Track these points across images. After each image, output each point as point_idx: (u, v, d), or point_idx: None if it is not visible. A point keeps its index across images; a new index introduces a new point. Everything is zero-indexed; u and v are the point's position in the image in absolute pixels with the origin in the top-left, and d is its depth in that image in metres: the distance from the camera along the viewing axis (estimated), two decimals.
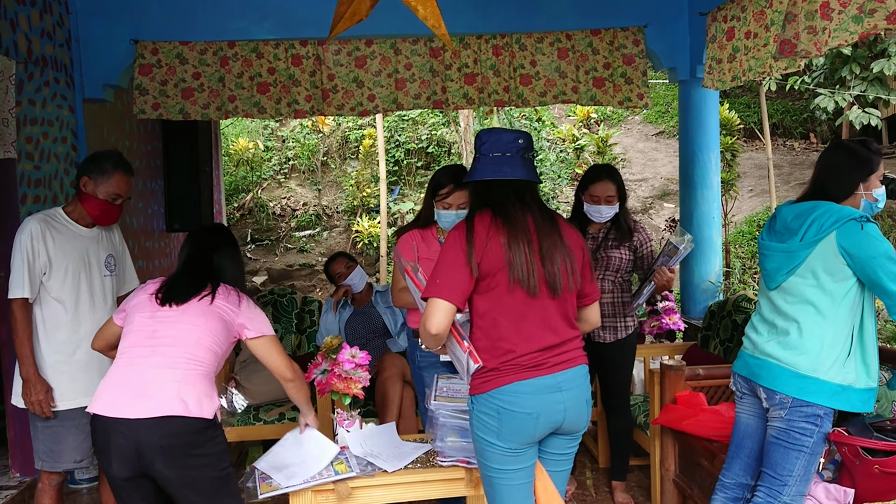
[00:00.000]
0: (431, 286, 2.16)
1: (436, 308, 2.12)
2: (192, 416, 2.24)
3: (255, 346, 2.49)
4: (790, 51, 2.82)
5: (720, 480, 2.70)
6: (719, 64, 3.69)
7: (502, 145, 2.24)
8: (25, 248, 2.72)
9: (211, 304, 2.41)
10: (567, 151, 10.96)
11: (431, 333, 2.13)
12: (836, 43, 2.71)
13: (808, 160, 10.96)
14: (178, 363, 2.30)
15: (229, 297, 2.45)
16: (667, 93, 12.39)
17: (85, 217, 2.89)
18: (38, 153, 3.86)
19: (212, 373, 2.39)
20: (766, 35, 3.17)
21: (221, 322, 2.41)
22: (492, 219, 2.20)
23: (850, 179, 2.42)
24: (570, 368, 2.22)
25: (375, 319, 4.16)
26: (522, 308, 2.18)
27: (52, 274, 2.78)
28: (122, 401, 2.24)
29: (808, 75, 9.10)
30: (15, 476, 3.73)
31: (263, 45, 4.52)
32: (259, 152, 11.01)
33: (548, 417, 2.18)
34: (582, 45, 4.63)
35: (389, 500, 2.68)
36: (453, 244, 2.20)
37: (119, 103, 4.86)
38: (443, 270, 2.17)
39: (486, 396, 2.18)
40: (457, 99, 4.65)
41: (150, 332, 2.35)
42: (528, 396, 2.15)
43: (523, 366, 2.16)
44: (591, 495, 3.76)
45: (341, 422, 2.77)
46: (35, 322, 2.79)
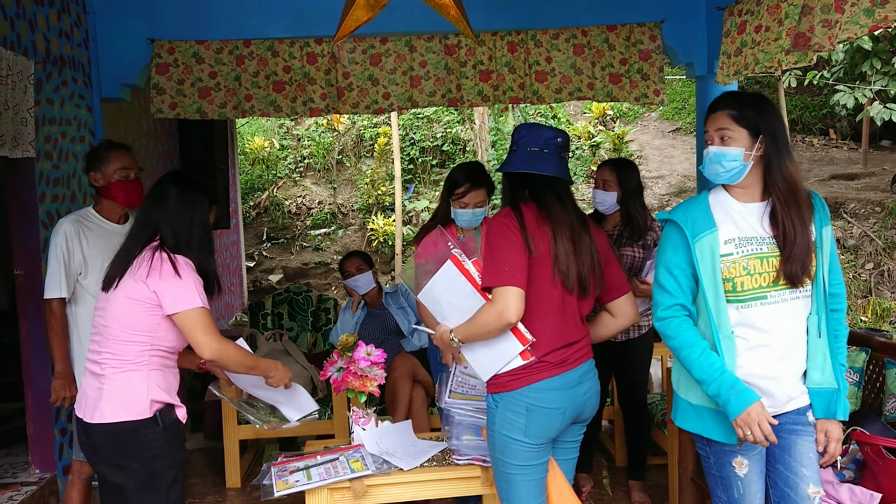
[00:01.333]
0: (500, 274, 2.09)
1: (511, 296, 2.07)
2: (127, 419, 2.14)
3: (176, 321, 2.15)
4: (804, 44, 2.78)
5: None
6: (729, 59, 3.64)
7: (541, 141, 2.22)
8: (61, 249, 2.79)
9: (124, 284, 2.16)
10: (583, 149, 10.91)
11: (511, 322, 2.08)
12: (846, 36, 2.67)
13: (827, 156, 10.84)
14: (104, 364, 2.18)
15: (141, 269, 2.14)
16: (683, 89, 12.29)
17: (114, 212, 2.96)
18: (56, 152, 3.89)
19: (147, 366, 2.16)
20: (779, 29, 3.13)
21: (136, 301, 2.14)
22: (538, 210, 2.20)
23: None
24: (587, 361, 2.28)
25: (389, 320, 4.15)
26: (558, 303, 2.18)
27: (88, 272, 2.85)
28: (79, 399, 2.28)
29: (827, 70, 8.99)
30: (35, 472, 3.76)
31: (279, 44, 4.52)
32: (274, 151, 11.06)
33: (572, 410, 2.22)
34: (598, 40, 4.59)
35: (405, 498, 2.67)
36: (506, 229, 2.16)
37: (136, 102, 4.89)
38: (505, 256, 2.11)
39: (515, 394, 2.17)
40: (472, 96, 4.63)
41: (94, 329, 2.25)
42: (558, 392, 2.17)
43: (551, 363, 2.17)
44: (608, 494, 3.74)
45: (357, 419, 2.77)
46: (74, 319, 2.88)
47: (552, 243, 2.16)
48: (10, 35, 3.48)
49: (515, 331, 2.15)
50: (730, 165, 2.00)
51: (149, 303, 2.14)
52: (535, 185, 2.24)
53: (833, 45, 2.70)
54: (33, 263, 3.70)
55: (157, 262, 2.14)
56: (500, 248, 2.13)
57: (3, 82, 3.26)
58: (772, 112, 2.03)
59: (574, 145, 11.04)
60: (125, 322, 2.15)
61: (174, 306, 2.13)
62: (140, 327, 2.16)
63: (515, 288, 2.08)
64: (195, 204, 2.28)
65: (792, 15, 3.05)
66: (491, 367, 2.21)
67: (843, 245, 8.39)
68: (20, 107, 3.42)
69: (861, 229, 8.50)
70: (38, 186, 3.70)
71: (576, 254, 2.20)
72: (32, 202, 3.68)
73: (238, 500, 3.85)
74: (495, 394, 2.22)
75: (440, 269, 2.31)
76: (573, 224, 2.23)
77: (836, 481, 2.48)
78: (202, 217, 2.30)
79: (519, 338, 2.14)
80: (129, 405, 2.15)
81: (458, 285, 2.26)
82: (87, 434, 2.21)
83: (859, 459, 2.56)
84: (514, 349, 2.15)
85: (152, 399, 2.16)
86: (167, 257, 2.16)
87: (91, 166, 2.93)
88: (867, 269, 8.17)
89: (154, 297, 2.13)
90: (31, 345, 3.71)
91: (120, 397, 2.15)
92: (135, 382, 2.16)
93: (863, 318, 7.46)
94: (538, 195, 2.23)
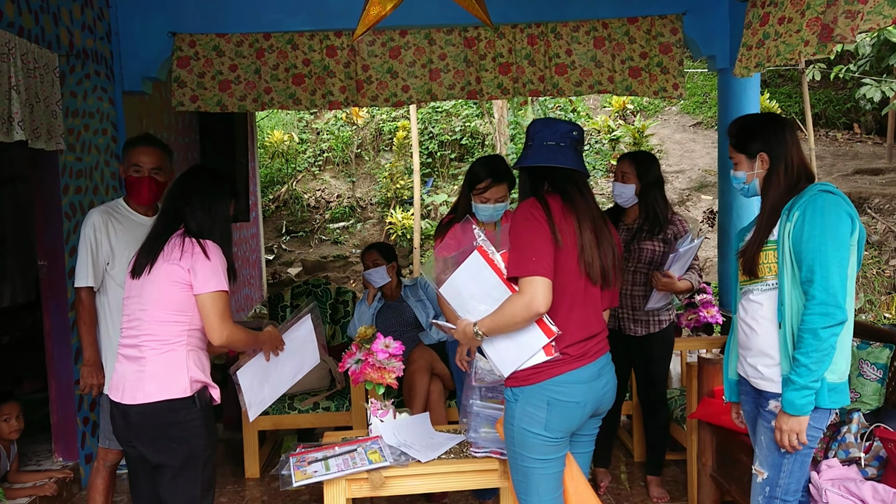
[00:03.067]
0: (526, 264, 2.08)
1: (539, 286, 2.06)
2: (161, 399, 2.22)
3: (198, 302, 2.27)
4: (827, 35, 2.73)
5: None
6: (749, 50, 3.59)
7: (557, 135, 2.22)
8: (89, 240, 2.85)
9: (158, 269, 2.26)
10: (602, 142, 10.84)
11: (540, 312, 2.07)
12: (868, 27, 2.62)
13: (850, 151, 10.68)
14: (150, 344, 2.26)
15: (174, 252, 2.26)
16: (704, 83, 12.16)
17: (140, 204, 3.00)
18: (79, 144, 3.93)
19: (185, 348, 2.27)
20: (801, 20, 3.08)
21: (171, 284, 2.25)
22: (563, 202, 2.20)
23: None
24: (605, 354, 2.28)
25: (407, 313, 4.15)
26: (582, 296, 2.18)
27: (116, 263, 2.89)
28: (113, 383, 2.33)
29: (853, 63, 8.85)
30: (58, 460, 3.82)
31: (298, 37, 4.54)
32: (294, 144, 11.10)
33: (592, 404, 2.22)
34: (618, 33, 4.56)
35: (423, 490, 2.68)
36: (533, 220, 2.14)
37: (157, 96, 4.93)
38: (531, 246, 2.09)
39: (536, 388, 2.16)
40: (491, 89, 4.62)
41: (127, 315, 2.34)
42: (579, 386, 2.17)
43: (572, 356, 2.16)
44: (626, 489, 3.72)
45: (375, 411, 2.78)
46: (102, 308, 2.93)
47: (578, 234, 2.16)
48: (34, 29, 3.53)
49: (541, 323, 2.13)
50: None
51: (184, 283, 2.25)
52: (554, 179, 2.23)
53: (854, 36, 2.65)
54: (56, 254, 3.75)
55: (188, 245, 2.27)
56: (526, 238, 2.12)
57: (32, 75, 3.30)
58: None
59: (593, 139, 10.97)
60: (163, 304, 2.25)
61: (202, 286, 2.24)
62: (178, 307, 2.26)
63: (543, 278, 2.06)
64: (218, 197, 2.41)
65: (814, 5, 3.00)
66: (513, 362, 2.18)
67: (867, 241, 8.27)
68: (49, 99, 3.47)
69: (885, 225, 8.38)
70: (61, 178, 3.74)
71: (598, 246, 2.20)
72: (56, 194, 3.73)
73: (257, 490, 3.89)
74: (515, 387, 2.21)
75: (465, 261, 2.26)
76: (594, 216, 2.23)
77: (860, 479, 2.45)
78: (224, 209, 2.42)
79: (544, 330, 2.12)
80: (171, 384, 2.24)
81: (484, 277, 2.21)
82: (126, 416, 2.27)
83: (882, 457, 2.53)
84: (537, 343, 2.13)
85: (191, 378, 2.27)
86: (197, 241, 2.28)
87: (121, 160, 3.02)
88: (891, 266, 8.05)
89: (188, 276, 2.24)
90: (54, 335, 3.77)
91: (163, 377, 2.24)
92: (175, 362, 2.26)
93: (886, 315, 7.36)
94: (560, 188, 2.23)
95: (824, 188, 2.14)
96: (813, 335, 2.04)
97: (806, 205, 2.11)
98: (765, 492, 2.23)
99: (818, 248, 2.05)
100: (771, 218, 2.20)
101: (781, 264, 2.14)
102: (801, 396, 2.06)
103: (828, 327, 2.02)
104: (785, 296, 2.13)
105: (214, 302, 2.25)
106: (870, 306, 7.57)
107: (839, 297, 2.04)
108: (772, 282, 2.19)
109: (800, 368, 2.06)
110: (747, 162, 2.28)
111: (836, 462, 2.55)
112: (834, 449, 2.64)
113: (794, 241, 2.10)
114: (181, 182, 2.43)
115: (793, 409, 2.07)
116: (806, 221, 2.08)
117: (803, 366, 2.05)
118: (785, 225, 2.14)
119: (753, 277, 2.24)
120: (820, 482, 2.42)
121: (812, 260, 2.05)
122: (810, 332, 2.04)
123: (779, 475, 2.19)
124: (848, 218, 2.09)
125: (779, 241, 2.16)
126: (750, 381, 2.30)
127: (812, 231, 2.07)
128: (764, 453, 2.22)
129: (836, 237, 2.05)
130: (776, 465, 2.19)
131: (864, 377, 2.94)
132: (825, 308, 2.02)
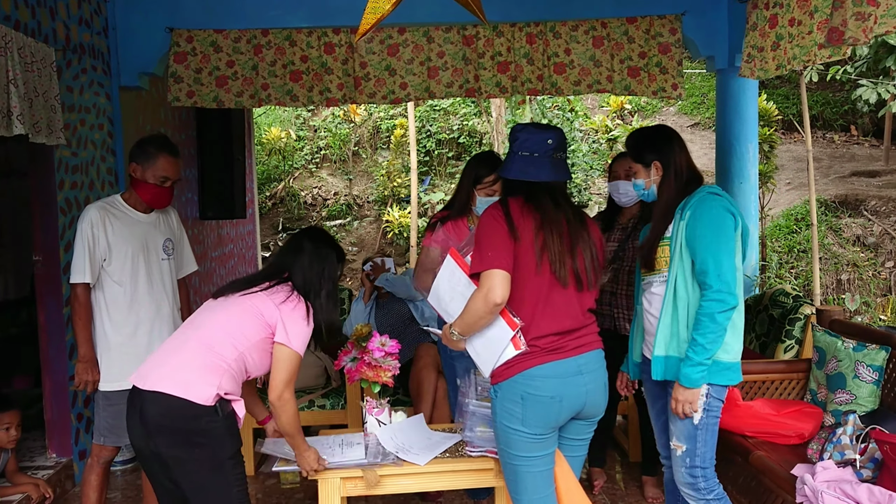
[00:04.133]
0: (483, 259, 2.16)
1: (496, 278, 2.12)
2: (189, 399, 2.17)
3: (276, 350, 2.31)
4: (838, 38, 2.72)
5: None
6: (761, 52, 3.58)
7: (532, 145, 2.26)
8: (86, 236, 2.83)
9: (254, 297, 2.30)
10: (600, 142, 10.84)
11: (497, 304, 2.12)
12: (883, 30, 2.62)
13: (847, 153, 10.70)
14: (196, 347, 2.24)
15: (278, 294, 2.31)
16: (702, 84, 12.17)
17: (141, 202, 2.98)
18: (75, 140, 3.92)
19: (227, 368, 2.24)
20: (811, 22, 3.08)
21: (256, 315, 2.27)
22: (524, 202, 2.25)
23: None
24: (590, 352, 2.28)
25: (404, 309, 4.14)
26: (547, 292, 2.21)
27: (112, 259, 2.88)
28: (141, 371, 2.27)
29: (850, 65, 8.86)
30: (52, 457, 3.80)
31: (296, 34, 4.52)
32: (291, 142, 11.08)
33: (571, 401, 2.22)
34: (617, 33, 4.55)
35: (418, 489, 2.68)
36: (492, 219, 2.22)
37: (154, 91, 4.91)
38: (489, 242, 2.17)
39: (510, 382, 2.20)
40: (489, 87, 4.61)
41: (189, 320, 2.38)
42: (551, 380, 2.18)
43: (543, 349, 2.19)
44: (621, 489, 3.72)
45: (370, 410, 2.77)
46: (98, 305, 2.91)
47: (535, 232, 2.20)
48: (31, 23, 3.51)
49: (504, 314, 2.18)
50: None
51: (267, 324, 2.27)
52: (528, 188, 2.27)
53: (868, 38, 2.65)
54: (52, 250, 3.73)
55: (294, 298, 2.32)
56: (485, 236, 2.19)
57: (30, 69, 3.29)
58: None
59: (591, 139, 10.97)
60: (230, 329, 2.26)
61: (287, 339, 2.27)
62: (242, 337, 2.26)
63: (499, 270, 2.13)
64: (327, 258, 2.45)
65: (822, 8, 2.99)
66: (489, 359, 2.24)
67: (863, 243, 8.29)
68: (48, 94, 3.45)
69: (882, 227, 8.39)
70: (57, 173, 3.72)
71: (571, 251, 2.23)
72: (52, 189, 3.71)
73: (252, 488, 3.87)
74: (495, 384, 2.26)
75: (442, 266, 2.38)
76: (569, 221, 2.26)
77: (855, 480, 2.45)
78: (332, 272, 2.46)
79: (508, 322, 2.18)
80: (197, 386, 2.17)
81: (457, 279, 2.32)
82: (143, 403, 2.19)
83: (878, 459, 2.53)
84: (504, 336, 2.18)
85: (218, 393, 2.21)
86: (303, 300, 2.33)
87: (135, 157, 2.92)
88: (887, 268, 8.07)
89: (276, 321, 2.27)
90: (48, 330, 3.75)
91: (192, 377, 2.19)
92: (210, 373, 2.21)
93: (882, 317, 7.37)
94: (532, 197, 2.27)
95: (711, 190, 2.43)
96: (710, 319, 2.28)
97: (695, 205, 2.37)
98: (685, 462, 2.44)
99: (708, 244, 2.30)
100: (666, 217, 2.47)
101: (672, 257, 2.41)
102: (696, 371, 2.31)
103: (723, 311, 2.27)
104: (670, 284, 2.40)
105: (291, 360, 2.28)
106: (866, 308, 7.59)
107: (731, 285, 2.29)
108: (667, 273, 2.45)
109: (697, 347, 2.30)
110: (644, 171, 2.54)
111: (832, 464, 2.55)
112: (829, 451, 2.64)
113: (688, 238, 2.36)
114: (292, 241, 2.48)
115: (689, 382, 2.32)
116: (697, 220, 2.34)
117: (700, 345, 2.29)
118: (679, 223, 2.40)
119: (651, 270, 2.51)
120: (815, 484, 2.42)
121: (704, 254, 2.30)
122: (708, 317, 2.28)
123: (696, 446, 2.41)
124: (730, 215, 2.35)
125: (672, 237, 2.42)
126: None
127: (703, 229, 2.32)
128: (679, 428, 2.44)
129: (723, 232, 2.32)
130: (691, 436, 2.41)
131: (860, 379, 2.94)
132: (720, 295, 2.27)
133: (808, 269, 7.63)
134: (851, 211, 8.74)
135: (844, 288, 7.90)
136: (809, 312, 3.50)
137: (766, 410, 3.01)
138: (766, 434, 2.96)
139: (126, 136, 4.44)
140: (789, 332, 3.53)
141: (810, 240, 6.23)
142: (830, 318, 3.33)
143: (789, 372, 3.33)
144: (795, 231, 8.56)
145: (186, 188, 5.72)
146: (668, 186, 2.49)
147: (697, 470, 2.43)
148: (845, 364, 3.01)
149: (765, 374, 3.33)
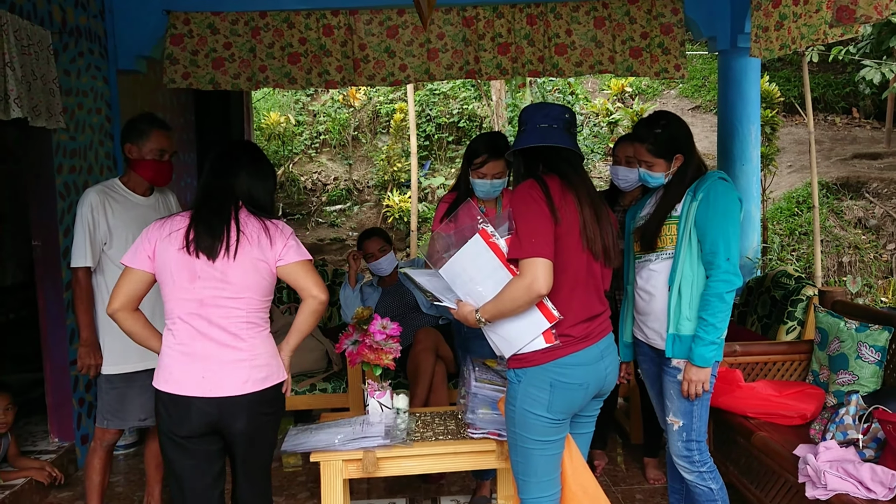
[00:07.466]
0: (528, 245, 2.07)
1: (539, 268, 2.05)
2: (268, 385, 2.22)
3: (289, 272, 2.24)
4: (849, 17, 2.66)
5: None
6: (766, 32, 3.54)
7: (549, 118, 2.25)
8: (86, 220, 2.83)
9: (244, 254, 2.17)
10: (600, 126, 10.79)
11: (541, 294, 2.07)
12: None
13: (849, 135, 10.64)
14: (239, 333, 2.18)
15: (261, 237, 2.20)
16: (703, 66, 12.09)
17: (140, 185, 2.97)
18: (73, 124, 3.89)
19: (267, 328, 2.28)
20: (819, 0, 3.03)
21: (258, 270, 2.20)
22: (561, 181, 2.20)
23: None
24: (608, 335, 2.29)
25: (408, 296, 4.11)
26: (584, 274, 2.19)
27: (113, 243, 2.88)
28: (193, 380, 2.15)
29: (853, 45, 8.79)
30: (54, 441, 3.81)
31: (295, 15, 4.48)
32: (290, 126, 11.02)
33: (594, 386, 2.23)
34: (619, 13, 4.51)
35: (420, 471, 2.68)
36: (531, 200, 2.14)
37: (152, 74, 4.87)
38: (531, 227, 2.09)
39: (539, 370, 2.16)
40: (490, 69, 4.57)
41: (198, 300, 2.17)
42: (581, 367, 2.17)
43: (576, 337, 2.17)
44: (623, 471, 3.73)
45: (372, 392, 2.77)
46: (99, 288, 2.91)
47: (578, 211, 2.16)
48: (26, 5, 3.47)
49: (542, 307, 2.12)
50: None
51: (272, 264, 2.23)
52: (549, 159, 2.24)
53: (883, 15, 2.57)
54: (50, 234, 3.72)
55: (272, 228, 2.25)
56: (525, 218, 2.11)
57: (26, 52, 3.25)
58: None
59: (592, 122, 10.92)
60: (255, 287, 2.21)
61: (297, 255, 2.24)
62: (263, 290, 2.24)
63: (543, 259, 2.06)
64: (269, 175, 2.36)
65: None
66: (513, 344, 2.18)
67: (865, 225, 8.27)
68: (46, 77, 3.42)
69: (883, 209, 8.36)
70: (55, 157, 3.70)
71: (599, 223, 2.21)
72: (49, 173, 3.69)
73: None
74: (518, 369, 2.19)
75: (467, 244, 2.22)
76: (592, 195, 2.24)
77: (858, 460, 2.45)
78: (273, 187, 2.39)
79: (545, 314, 2.12)
80: (277, 368, 2.26)
81: (485, 260, 2.19)
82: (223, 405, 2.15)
83: (880, 438, 2.53)
84: (538, 327, 2.12)
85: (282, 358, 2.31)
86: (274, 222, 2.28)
87: (128, 137, 2.90)
88: (888, 250, 8.05)
89: (275, 257, 2.22)
90: (48, 315, 3.74)
91: (271, 361, 2.24)
92: (271, 345, 2.28)
93: (883, 299, 7.36)
94: (555, 167, 2.23)
95: (721, 175, 2.51)
96: (719, 298, 2.35)
97: (708, 189, 2.44)
98: (682, 437, 2.52)
99: (720, 227, 2.38)
100: (674, 197, 2.52)
101: (681, 236, 2.44)
102: (709, 350, 2.37)
103: (730, 291, 2.36)
104: (679, 263, 2.44)
105: (310, 266, 2.28)
106: (867, 290, 7.58)
107: (737, 267, 2.39)
108: (670, 251, 2.49)
109: (708, 327, 2.36)
110: (665, 164, 2.54)
111: (834, 444, 2.54)
112: (832, 431, 2.64)
113: (698, 219, 2.42)
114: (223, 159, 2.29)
115: (703, 361, 2.38)
116: (710, 204, 2.40)
117: (711, 325, 2.36)
118: (690, 203, 2.45)
119: (651, 249, 2.54)
120: (818, 464, 2.42)
121: (716, 236, 2.37)
122: (716, 296, 2.36)
123: (692, 421, 2.50)
124: (738, 201, 2.46)
125: (682, 216, 2.46)
126: (650, 343, 2.61)
127: (715, 212, 2.39)
128: (675, 404, 2.52)
129: (733, 217, 2.40)
130: (687, 412, 2.50)
131: (863, 359, 2.94)
132: (728, 276, 2.36)
133: (810, 251, 7.61)
134: (853, 193, 8.70)
135: (846, 270, 7.88)
136: (812, 294, 3.49)
137: (768, 392, 3.01)
138: (769, 415, 2.96)
139: (124, 119, 4.36)
140: (791, 313, 3.52)
141: (812, 222, 6.21)
142: (833, 300, 3.32)
143: (791, 353, 3.33)
144: (797, 213, 8.53)
145: (185, 173, 5.70)
146: (682, 174, 2.54)
147: (693, 444, 2.51)
148: (848, 345, 3.00)
149: (767, 355, 3.32)
